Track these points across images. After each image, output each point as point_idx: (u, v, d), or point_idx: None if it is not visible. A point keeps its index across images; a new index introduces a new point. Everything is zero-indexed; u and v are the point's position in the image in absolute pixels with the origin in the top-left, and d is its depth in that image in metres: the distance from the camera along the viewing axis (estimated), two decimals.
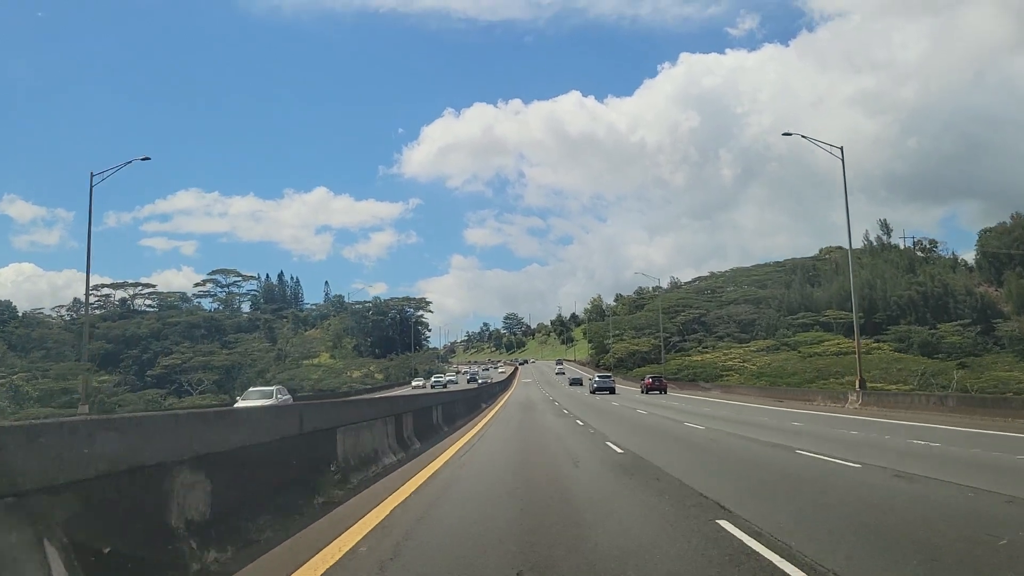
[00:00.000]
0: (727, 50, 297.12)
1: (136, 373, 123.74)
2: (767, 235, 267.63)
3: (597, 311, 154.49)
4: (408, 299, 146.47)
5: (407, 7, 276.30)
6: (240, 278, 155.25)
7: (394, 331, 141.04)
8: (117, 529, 4.41)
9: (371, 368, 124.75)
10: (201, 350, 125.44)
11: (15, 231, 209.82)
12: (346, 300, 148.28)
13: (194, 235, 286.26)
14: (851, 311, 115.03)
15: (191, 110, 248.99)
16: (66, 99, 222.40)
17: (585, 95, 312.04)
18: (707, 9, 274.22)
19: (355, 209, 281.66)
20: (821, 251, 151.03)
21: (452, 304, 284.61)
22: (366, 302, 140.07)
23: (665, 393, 58.04)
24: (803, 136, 40.57)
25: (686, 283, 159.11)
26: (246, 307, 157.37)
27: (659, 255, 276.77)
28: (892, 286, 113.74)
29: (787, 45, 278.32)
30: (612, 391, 59.24)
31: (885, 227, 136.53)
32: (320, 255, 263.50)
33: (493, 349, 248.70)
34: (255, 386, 44.83)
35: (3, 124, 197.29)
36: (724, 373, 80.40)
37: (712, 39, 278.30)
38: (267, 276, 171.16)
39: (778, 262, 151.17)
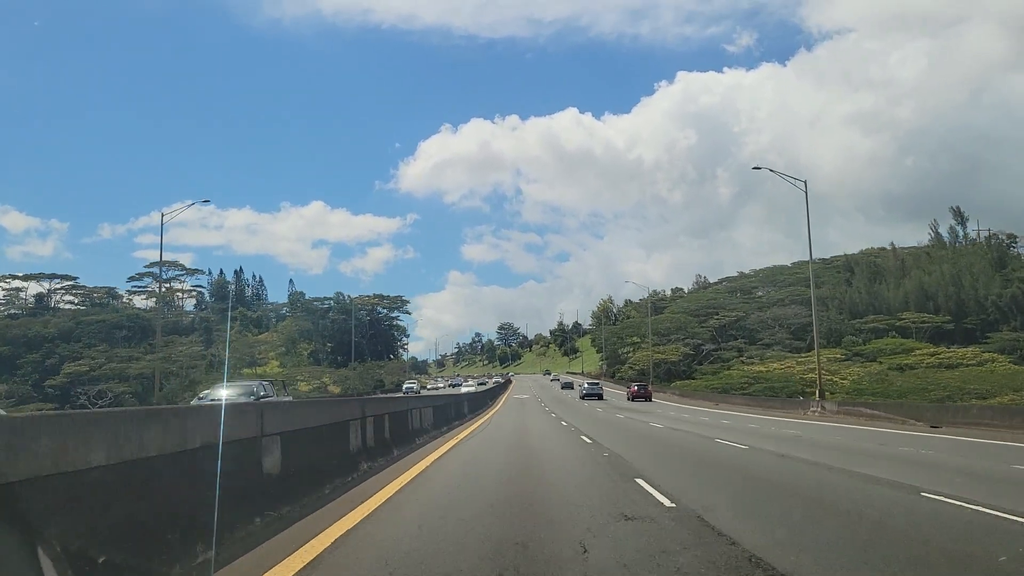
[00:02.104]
0: (725, 68, 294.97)
1: (36, 382, 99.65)
2: (764, 254, 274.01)
3: (606, 315, 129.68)
4: (380, 297, 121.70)
5: (409, 23, 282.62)
6: (183, 272, 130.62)
7: (362, 336, 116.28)
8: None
9: (325, 379, 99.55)
10: (119, 355, 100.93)
11: (8, 242, 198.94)
12: (306, 296, 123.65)
13: (190, 247, 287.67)
14: (934, 313, 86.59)
15: (188, 122, 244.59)
16: (62, 109, 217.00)
17: (582, 112, 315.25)
18: (707, 29, 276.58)
19: (352, 223, 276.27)
20: (862, 252, 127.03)
21: (449, 320, 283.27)
22: (325, 299, 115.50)
23: (649, 400, 59.54)
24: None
25: (713, 284, 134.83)
26: (191, 306, 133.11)
27: (656, 273, 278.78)
28: (986, 285, 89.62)
29: (784, 64, 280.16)
30: (600, 397, 62.42)
31: (959, 215, 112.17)
32: (316, 269, 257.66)
33: (486, 362, 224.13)
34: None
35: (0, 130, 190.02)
36: (807, 388, 56.09)
37: (710, 58, 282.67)
38: (220, 272, 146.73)
39: (823, 259, 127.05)
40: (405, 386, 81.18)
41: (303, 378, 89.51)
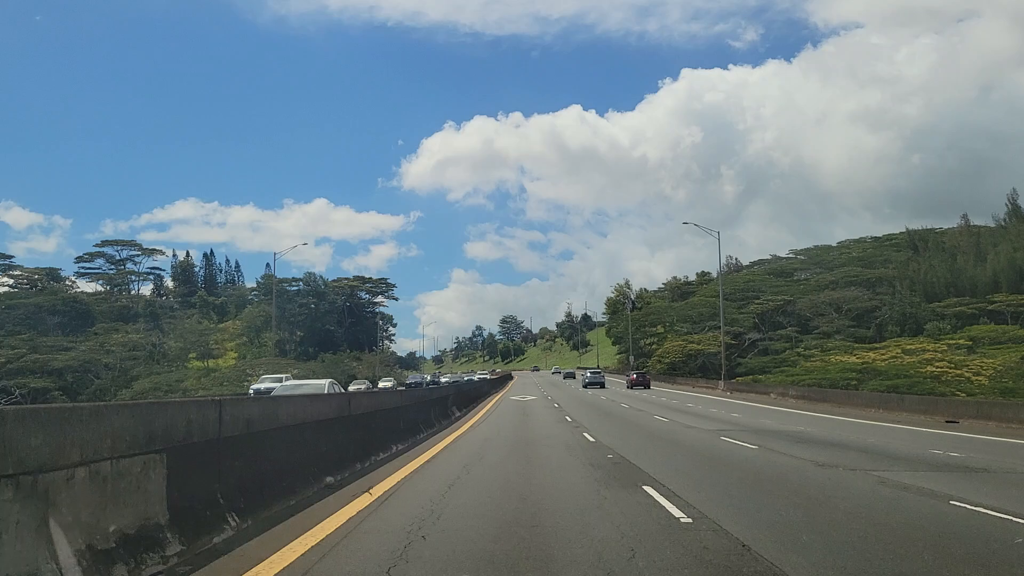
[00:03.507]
0: (730, 65, 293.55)
1: None
2: (770, 251, 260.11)
3: (623, 302, 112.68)
4: (361, 280, 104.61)
5: (415, 20, 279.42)
6: (139, 252, 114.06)
7: (339, 324, 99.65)
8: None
9: (293, 372, 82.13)
10: (45, 344, 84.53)
11: (11, 238, 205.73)
12: (279, 278, 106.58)
13: (192, 245, 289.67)
14: None
15: (191, 118, 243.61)
16: (66, 105, 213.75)
17: (586, 109, 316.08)
18: (714, 26, 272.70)
19: (356, 221, 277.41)
20: (907, 230, 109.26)
21: (452, 318, 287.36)
22: (294, 280, 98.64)
23: (648, 388, 59.80)
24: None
25: (747, 266, 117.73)
26: (148, 290, 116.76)
27: (660, 271, 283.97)
28: None
29: (790, 61, 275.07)
30: (602, 385, 63.00)
31: (1012, 201, 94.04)
32: (320, 267, 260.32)
33: (487, 358, 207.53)
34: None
35: (0, 130, 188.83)
36: (940, 384, 39.22)
37: (716, 55, 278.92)
38: (187, 254, 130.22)
39: (876, 237, 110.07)
40: (254, 387, 45.42)
41: (255, 372, 72.79)
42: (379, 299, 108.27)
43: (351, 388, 51.13)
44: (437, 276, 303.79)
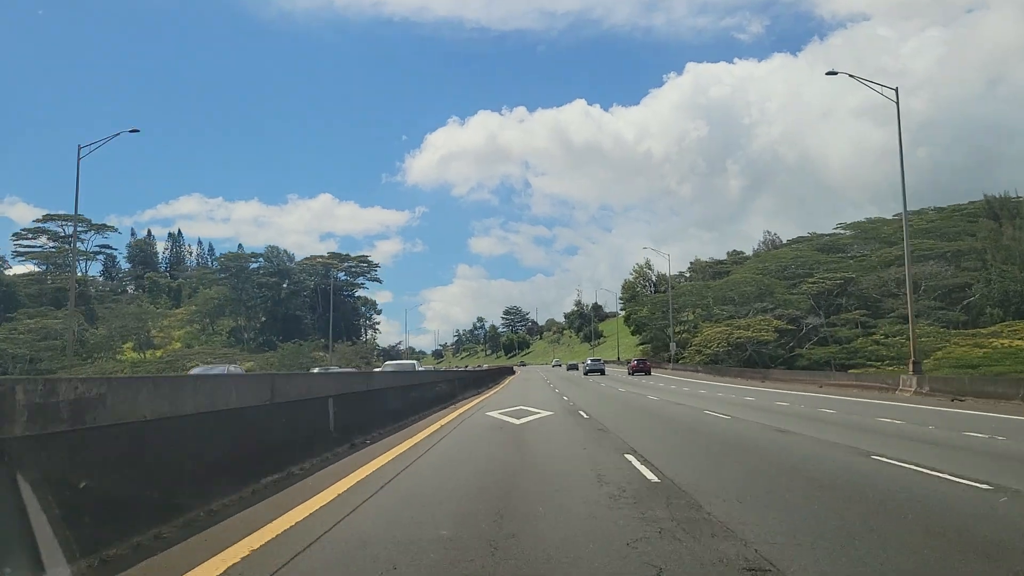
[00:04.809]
0: (736, 59, 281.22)
1: None
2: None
3: (641, 283, 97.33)
4: (336, 257, 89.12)
5: (420, 16, 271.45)
6: (87, 228, 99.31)
7: (309, 308, 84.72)
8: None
9: (248, 365, 67.70)
10: None
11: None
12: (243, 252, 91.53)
13: (196, 241, 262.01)
14: None
15: (195, 114, 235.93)
16: (69, 101, 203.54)
17: (590, 103, 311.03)
18: (722, 20, 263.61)
19: (360, 216, 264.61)
20: (985, 197, 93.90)
21: (458, 314, 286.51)
22: (254, 255, 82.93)
23: (648, 374, 58.16)
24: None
25: (784, 245, 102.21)
26: (97, 271, 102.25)
27: (665, 266, 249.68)
28: None
29: (796, 55, 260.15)
30: (602, 372, 62.06)
31: None
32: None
33: (489, 352, 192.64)
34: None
35: (4, 124, 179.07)
36: None
37: (722, 48, 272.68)
38: (149, 233, 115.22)
39: (939, 208, 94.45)
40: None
41: (186, 365, 57.67)
42: (361, 280, 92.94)
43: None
44: (442, 272, 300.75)
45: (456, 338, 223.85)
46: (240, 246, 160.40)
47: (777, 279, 73.95)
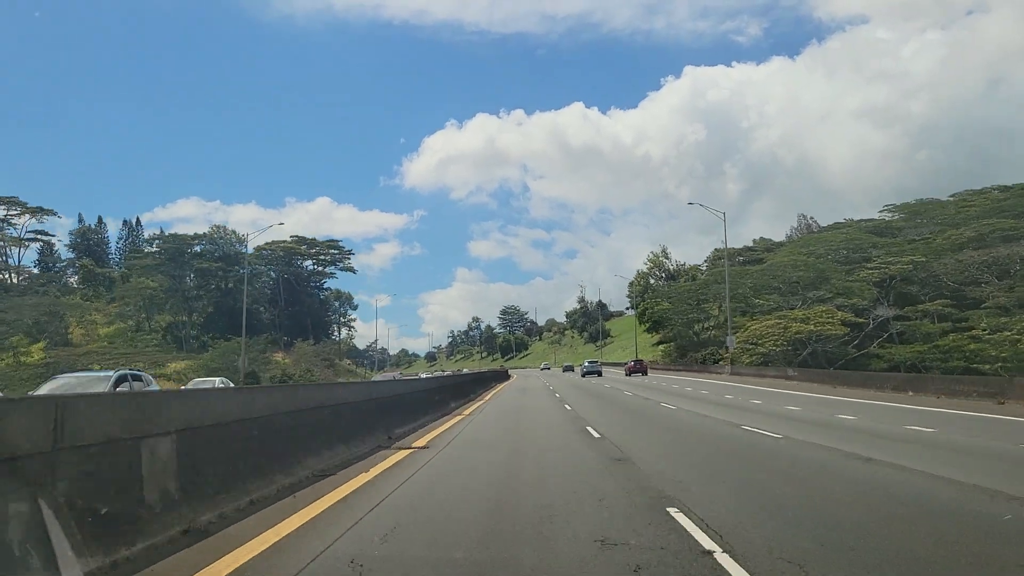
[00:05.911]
0: (734, 62, 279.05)
1: None
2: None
3: (656, 274, 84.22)
4: (302, 242, 75.60)
5: (420, 19, 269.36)
6: (20, 211, 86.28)
7: (270, 302, 71.65)
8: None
9: (177, 367, 55.27)
10: None
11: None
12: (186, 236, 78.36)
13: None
14: None
15: (193, 116, 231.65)
16: (66, 102, 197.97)
17: (588, 106, 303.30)
18: (722, 24, 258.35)
19: (359, 219, 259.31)
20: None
21: (456, 317, 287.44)
22: (196, 237, 69.42)
23: (645, 375, 57.59)
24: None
25: (820, 232, 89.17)
26: (31, 260, 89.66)
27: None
28: None
29: (794, 59, 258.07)
30: (599, 374, 62.16)
31: None
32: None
33: (485, 354, 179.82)
34: None
35: (1, 126, 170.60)
36: None
37: (720, 52, 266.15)
38: (100, 219, 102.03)
39: (1004, 186, 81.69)
40: None
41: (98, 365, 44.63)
42: (331, 270, 79.71)
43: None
44: (441, 275, 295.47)
45: (450, 340, 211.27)
46: (217, 226, 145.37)
47: (837, 263, 61.24)
